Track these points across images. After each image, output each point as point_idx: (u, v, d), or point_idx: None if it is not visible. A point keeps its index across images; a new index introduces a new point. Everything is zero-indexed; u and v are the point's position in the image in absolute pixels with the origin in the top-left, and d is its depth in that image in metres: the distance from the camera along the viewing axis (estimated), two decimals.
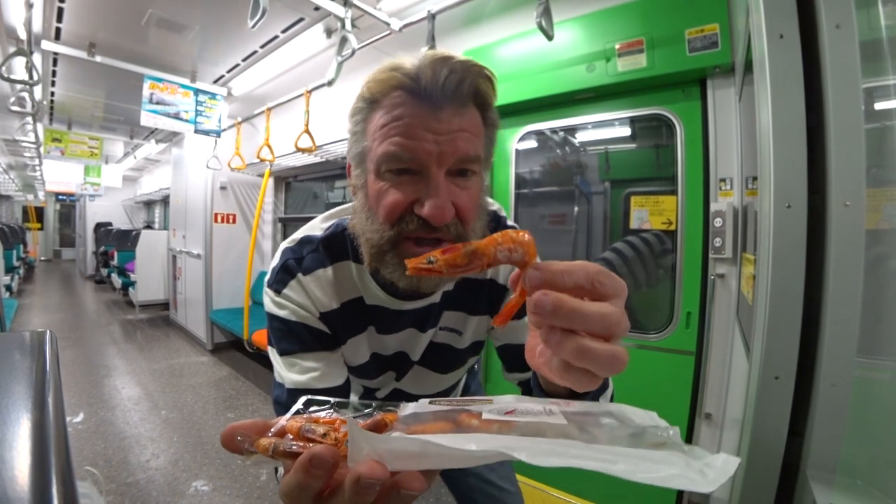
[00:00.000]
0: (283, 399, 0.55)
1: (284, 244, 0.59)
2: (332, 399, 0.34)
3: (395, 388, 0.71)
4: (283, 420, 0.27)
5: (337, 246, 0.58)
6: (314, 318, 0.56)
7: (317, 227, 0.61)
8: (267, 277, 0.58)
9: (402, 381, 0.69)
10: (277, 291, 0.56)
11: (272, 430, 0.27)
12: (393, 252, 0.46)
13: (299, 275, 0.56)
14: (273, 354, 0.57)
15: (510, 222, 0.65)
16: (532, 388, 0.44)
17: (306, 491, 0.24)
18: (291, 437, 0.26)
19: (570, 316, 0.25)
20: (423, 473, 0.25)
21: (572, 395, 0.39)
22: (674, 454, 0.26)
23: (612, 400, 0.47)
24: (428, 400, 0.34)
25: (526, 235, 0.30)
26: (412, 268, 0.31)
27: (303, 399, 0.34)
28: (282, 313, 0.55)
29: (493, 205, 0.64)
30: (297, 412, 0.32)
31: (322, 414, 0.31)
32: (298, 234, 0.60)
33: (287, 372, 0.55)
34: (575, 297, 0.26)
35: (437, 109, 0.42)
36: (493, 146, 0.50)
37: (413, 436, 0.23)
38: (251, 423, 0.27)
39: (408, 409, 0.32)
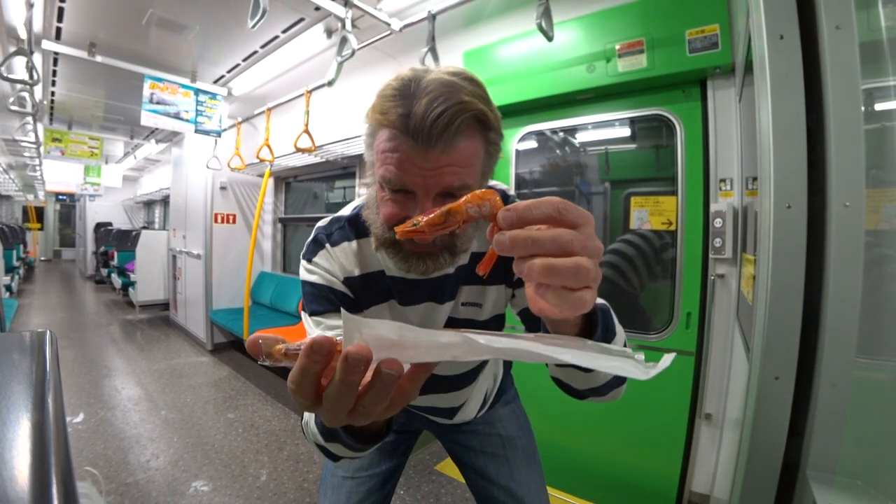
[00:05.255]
0: None
1: (318, 224, 0.68)
2: None
3: None
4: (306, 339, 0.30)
5: (362, 223, 0.64)
6: (339, 282, 0.63)
7: (347, 209, 0.69)
8: (302, 252, 0.66)
9: None
10: (309, 260, 0.64)
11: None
12: (392, 248, 0.54)
13: (327, 245, 0.64)
14: (305, 317, 0.63)
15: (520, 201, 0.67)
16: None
17: (307, 375, 0.27)
18: None
19: (525, 242, 0.29)
20: (408, 380, 0.29)
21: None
22: (627, 360, 0.30)
23: (625, 346, 0.48)
24: None
25: (491, 192, 0.34)
26: (401, 232, 0.36)
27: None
28: (312, 278, 0.63)
29: (499, 186, 0.69)
30: None
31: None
32: (331, 216, 0.69)
33: (314, 329, 0.61)
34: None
35: (425, 149, 0.46)
36: (494, 159, 0.55)
37: (394, 322, 0.26)
38: (274, 336, 0.30)
39: None
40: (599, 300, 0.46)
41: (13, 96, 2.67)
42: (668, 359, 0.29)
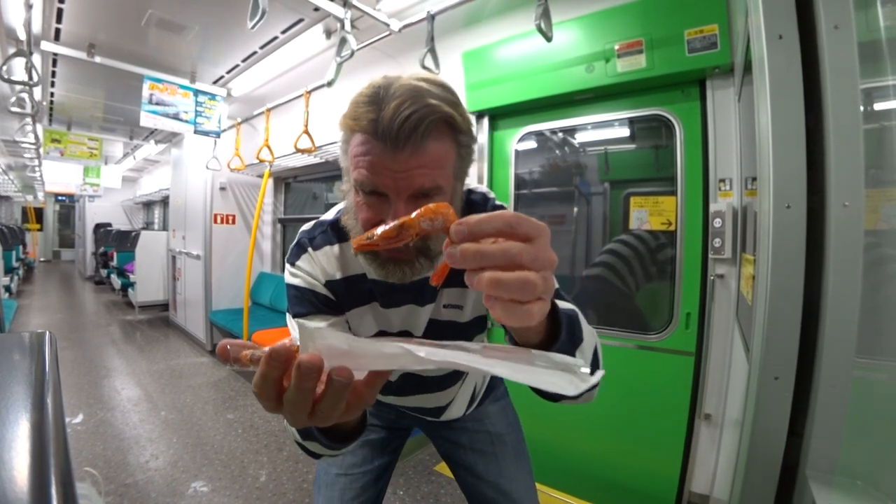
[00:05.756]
0: None
1: (302, 228, 0.69)
2: None
3: (406, 372, 0.75)
4: (268, 347, 0.32)
5: (344, 227, 0.64)
6: (321, 285, 0.65)
7: (330, 213, 0.70)
8: (286, 256, 0.68)
9: None
10: (292, 264, 0.66)
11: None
12: (370, 254, 0.55)
13: (310, 249, 0.66)
14: (289, 319, 0.66)
15: (499, 203, 0.68)
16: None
17: (268, 380, 0.29)
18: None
19: (475, 256, 0.29)
20: (364, 385, 0.32)
21: (545, 347, 0.41)
22: (564, 374, 0.31)
23: (595, 354, 0.48)
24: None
25: (444, 206, 0.36)
26: (357, 245, 0.38)
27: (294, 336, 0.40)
28: (295, 281, 0.65)
29: (480, 188, 0.70)
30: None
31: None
32: (315, 221, 0.70)
33: (297, 332, 0.60)
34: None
35: (395, 151, 0.47)
36: (467, 162, 0.55)
37: (344, 333, 0.29)
38: (243, 342, 0.32)
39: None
40: (568, 305, 0.46)
41: (13, 97, 2.66)
42: (598, 375, 0.31)
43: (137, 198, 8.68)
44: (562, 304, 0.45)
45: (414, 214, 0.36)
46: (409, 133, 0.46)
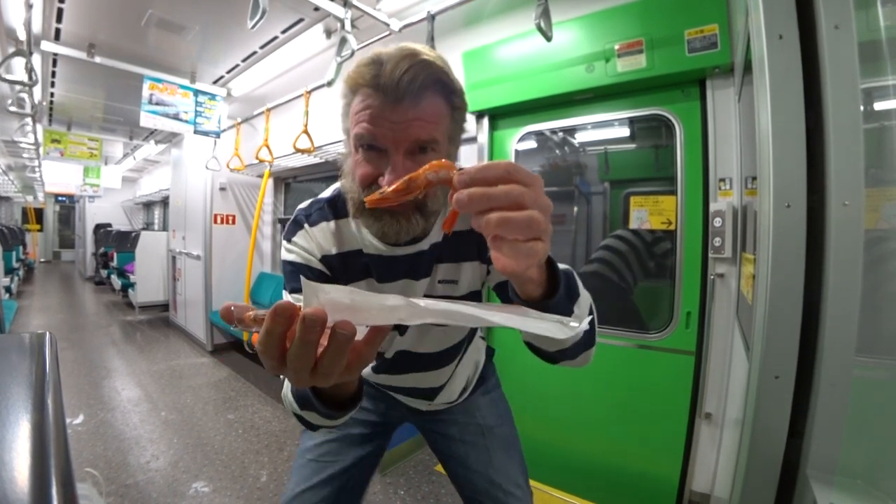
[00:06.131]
0: None
1: (299, 206, 0.70)
2: None
3: (401, 349, 0.77)
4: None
5: (340, 205, 0.67)
6: (316, 260, 0.66)
7: (327, 191, 0.72)
8: (284, 234, 0.69)
9: (406, 337, 0.75)
10: (289, 240, 0.67)
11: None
12: (367, 210, 0.57)
13: (306, 226, 0.67)
14: (285, 295, 0.66)
15: None
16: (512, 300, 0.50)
17: (272, 336, 0.30)
18: None
19: (482, 198, 0.32)
20: (364, 344, 0.33)
21: (544, 302, 0.44)
22: (554, 323, 0.33)
23: (591, 312, 0.51)
24: None
25: (447, 162, 0.38)
26: (370, 201, 0.40)
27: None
28: (291, 257, 0.66)
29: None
30: None
31: None
32: (311, 199, 0.71)
33: None
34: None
35: (395, 103, 0.51)
36: (459, 126, 0.59)
37: (346, 287, 0.29)
38: (245, 305, 0.33)
39: None
40: (564, 265, 0.49)
41: (12, 97, 2.67)
42: (585, 322, 0.35)
43: (137, 198, 8.67)
44: (559, 265, 0.48)
45: (421, 169, 0.38)
46: (406, 85, 0.50)
